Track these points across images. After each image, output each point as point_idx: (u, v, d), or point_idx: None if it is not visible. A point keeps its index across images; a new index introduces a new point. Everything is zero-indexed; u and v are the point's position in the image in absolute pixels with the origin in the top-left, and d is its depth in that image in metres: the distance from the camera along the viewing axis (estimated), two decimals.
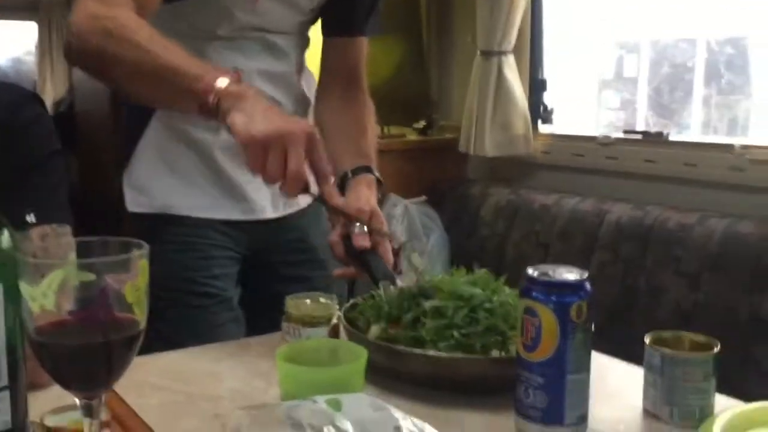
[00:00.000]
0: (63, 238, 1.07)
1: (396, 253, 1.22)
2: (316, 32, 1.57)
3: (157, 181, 1.43)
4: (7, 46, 7.11)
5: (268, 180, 1.03)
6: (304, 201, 1.51)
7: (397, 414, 0.63)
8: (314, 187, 1.10)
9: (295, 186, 1.02)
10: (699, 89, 5.57)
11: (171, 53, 1.12)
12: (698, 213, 2.42)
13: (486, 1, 3.06)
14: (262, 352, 1.10)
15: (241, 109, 1.04)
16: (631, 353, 1.07)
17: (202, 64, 1.14)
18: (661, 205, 2.53)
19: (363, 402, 0.63)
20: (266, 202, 1.47)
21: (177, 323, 1.36)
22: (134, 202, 1.45)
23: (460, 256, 3.03)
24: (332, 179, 1.13)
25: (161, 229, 1.42)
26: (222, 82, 1.06)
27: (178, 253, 1.40)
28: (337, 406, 0.61)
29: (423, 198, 3.29)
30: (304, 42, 1.53)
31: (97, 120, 4.11)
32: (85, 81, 4.34)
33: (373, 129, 1.51)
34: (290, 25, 1.45)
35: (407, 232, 3.07)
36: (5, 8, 6.23)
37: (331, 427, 0.56)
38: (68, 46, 1.19)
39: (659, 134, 2.74)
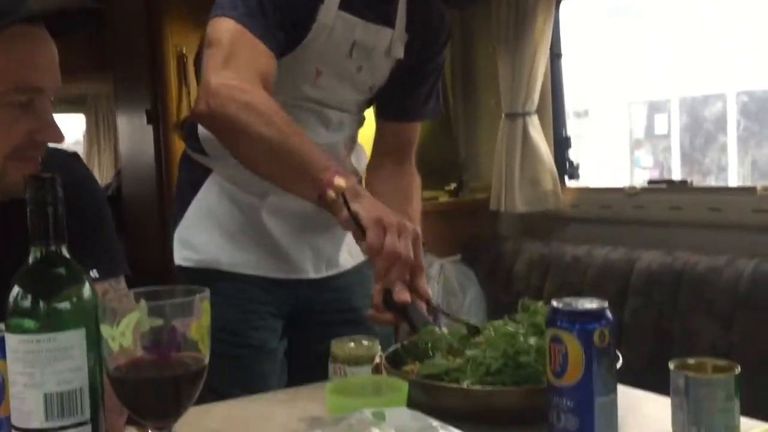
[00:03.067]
0: (121, 292, 1.18)
1: (432, 310, 1.26)
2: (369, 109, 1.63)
3: (207, 238, 1.50)
4: None
5: (385, 258, 1.14)
6: (346, 263, 1.58)
7: (436, 423, 0.70)
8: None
9: (404, 269, 1.15)
10: (732, 140, 5.65)
11: (302, 140, 1.22)
12: (726, 255, 2.46)
13: (507, 66, 3.19)
14: (311, 398, 1.17)
15: (360, 202, 1.16)
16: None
17: (326, 157, 1.23)
18: (689, 250, 2.57)
19: (404, 414, 0.71)
20: (308, 265, 1.53)
21: (221, 373, 1.42)
22: (183, 257, 1.51)
23: (497, 311, 3.07)
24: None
25: (207, 284, 1.50)
26: (340, 180, 1.17)
27: (223, 306, 1.43)
28: (381, 416, 0.69)
29: (458, 256, 3.37)
30: (359, 119, 1.60)
31: (144, 202, 4.25)
32: (132, 166, 4.47)
33: (418, 198, 1.61)
34: (348, 103, 1.52)
35: (444, 290, 3.14)
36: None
37: (376, 429, 0.64)
38: (203, 106, 1.25)
39: (683, 182, 2.80)
